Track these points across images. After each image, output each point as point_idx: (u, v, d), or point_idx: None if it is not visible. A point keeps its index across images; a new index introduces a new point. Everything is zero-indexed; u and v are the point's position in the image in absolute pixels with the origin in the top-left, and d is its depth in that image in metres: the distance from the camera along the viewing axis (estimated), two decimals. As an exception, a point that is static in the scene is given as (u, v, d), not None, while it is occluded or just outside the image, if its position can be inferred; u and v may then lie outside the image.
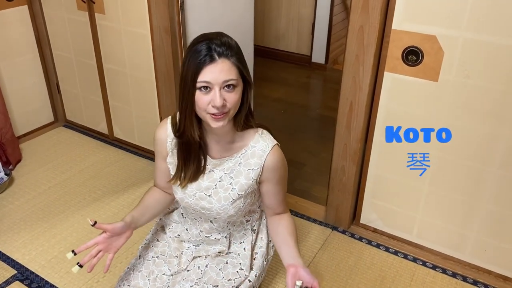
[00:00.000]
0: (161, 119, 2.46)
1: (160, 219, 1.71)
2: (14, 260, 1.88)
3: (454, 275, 1.83)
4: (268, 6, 4.31)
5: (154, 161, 2.59)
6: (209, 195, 1.40)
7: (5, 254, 1.91)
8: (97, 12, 2.38)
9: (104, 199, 2.27)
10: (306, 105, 3.60)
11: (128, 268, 1.57)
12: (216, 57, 1.19)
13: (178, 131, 1.34)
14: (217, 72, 1.19)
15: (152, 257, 1.56)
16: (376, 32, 1.63)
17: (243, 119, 1.32)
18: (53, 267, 1.85)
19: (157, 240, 1.63)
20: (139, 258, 1.58)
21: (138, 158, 2.65)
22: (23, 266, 1.86)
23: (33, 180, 2.42)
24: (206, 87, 1.20)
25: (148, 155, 2.66)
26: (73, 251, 1.32)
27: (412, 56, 1.63)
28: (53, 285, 1.77)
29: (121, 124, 2.71)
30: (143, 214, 1.48)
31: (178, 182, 1.40)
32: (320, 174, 2.53)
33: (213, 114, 1.22)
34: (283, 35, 4.36)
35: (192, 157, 1.37)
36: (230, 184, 1.38)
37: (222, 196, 1.38)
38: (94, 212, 2.17)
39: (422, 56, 1.61)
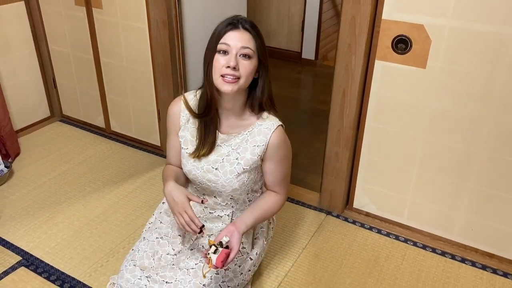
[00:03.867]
0: (158, 111, 2.52)
1: (163, 202, 1.78)
2: (18, 247, 1.93)
3: (443, 253, 1.93)
4: (258, 4, 4.39)
5: (151, 153, 2.67)
6: (216, 168, 1.48)
7: (9, 242, 1.96)
8: (95, 7, 2.44)
9: (104, 189, 2.32)
10: (298, 100, 3.69)
11: (132, 249, 1.63)
12: (240, 26, 1.35)
13: (205, 105, 1.45)
14: (237, 38, 1.34)
15: (156, 238, 1.62)
16: (367, 22, 1.72)
17: (259, 102, 1.44)
18: (57, 253, 1.90)
19: (161, 222, 1.69)
20: (143, 240, 1.64)
21: (135, 150, 2.70)
22: (28, 252, 1.90)
23: (32, 172, 2.46)
24: (225, 51, 1.34)
25: (146, 147, 2.72)
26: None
27: (401, 44, 1.72)
28: (58, 270, 1.82)
29: (118, 118, 2.77)
30: (177, 180, 1.54)
31: (198, 154, 1.49)
32: (313, 164, 2.62)
33: (224, 77, 1.34)
34: (274, 32, 4.44)
35: (211, 131, 1.49)
36: (236, 159, 1.46)
37: (228, 169, 1.47)
38: (95, 202, 2.22)
39: (411, 44, 1.70)
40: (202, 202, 1.41)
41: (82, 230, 2.04)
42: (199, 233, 1.41)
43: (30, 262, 1.85)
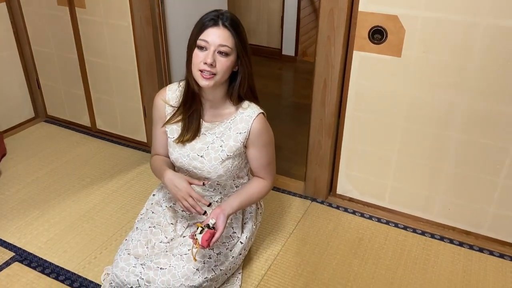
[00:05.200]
0: (144, 108, 2.57)
1: (154, 195, 1.83)
2: (11, 244, 1.95)
3: (423, 233, 2.03)
4: (238, 1, 4.46)
5: (138, 149, 2.71)
6: (201, 156, 1.55)
7: (1, 239, 1.98)
8: (78, 6, 2.47)
9: (93, 186, 2.36)
10: (280, 94, 3.78)
11: (126, 239, 1.68)
12: (220, 23, 1.41)
13: (187, 91, 1.52)
14: (216, 35, 1.39)
15: (149, 227, 1.67)
16: (344, 14, 1.81)
17: (238, 94, 1.51)
18: (50, 248, 1.94)
19: (153, 212, 1.74)
20: (136, 230, 1.69)
21: (122, 147, 2.74)
22: (21, 248, 1.93)
23: (20, 172, 2.47)
24: (203, 47, 1.40)
25: (132, 144, 2.75)
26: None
27: (377, 35, 1.81)
28: (52, 263, 1.85)
29: (104, 116, 2.80)
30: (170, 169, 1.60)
31: (182, 139, 1.56)
32: (297, 155, 2.70)
33: (202, 72, 1.40)
34: (254, 30, 4.51)
35: (195, 119, 1.55)
36: (220, 146, 1.54)
37: (213, 156, 1.54)
38: (85, 197, 2.26)
39: (386, 35, 1.79)
40: (203, 184, 1.48)
41: (73, 225, 2.07)
42: (204, 214, 1.49)
43: (24, 257, 1.88)
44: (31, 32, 2.77)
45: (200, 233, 1.41)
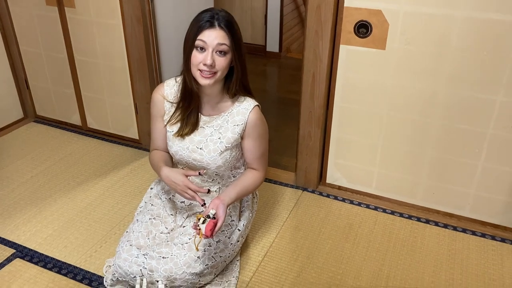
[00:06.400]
0: (135, 105, 2.61)
1: (152, 188, 1.89)
2: (10, 241, 1.98)
3: (409, 217, 2.14)
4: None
5: (130, 146, 2.75)
6: (200, 148, 1.62)
7: (0, 237, 2.01)
8: (67, 6, 2.49)
9: (88, 183, 2.39)
10: (266, 90, 3.85)
11: (127, 231, 1.73)
12: (216, 24, 1.46)
13: (184, 89, 1.58)
14: (213, 36, 1.45)
15: (150, 218, 1.73)
16: (331, 9, 1.89)
17: (235, 88, 1.58)
18: (50, 243, 1.97)
19: (152, 205, 1.80)
20: (137, 222, 1.74)
21: (114, 145, 2.77)
22: (21, 245, 1.96)
23: (14, 171, 2.49)
24: (202, 48, 1.46)
25: (124, 142, 2.79)
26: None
27: (363, 29, 1.90)
28: (54, 258, 1.89)
29: (94, 114, 2.83)
30: (166, 164, 1.66)
31: (181, 132, 1.62)
32: (286, 147, 2.78)
33: (202, 72, 1.45)
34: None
35: (193, 112, 1.62)
36: (219, 138, 1.61)
37: (212, 148, 1.61)
38: (81, 194, 2.30)
39: (371, 29, 1.89)
40: (199, 174, 1.54)
41: (72, 221, 2.11)
42: (203, 205, 1.55)
43: (25, 253, 1.92)
44: (19, 32, 2.78)
45: (203, 223, 1.47)
